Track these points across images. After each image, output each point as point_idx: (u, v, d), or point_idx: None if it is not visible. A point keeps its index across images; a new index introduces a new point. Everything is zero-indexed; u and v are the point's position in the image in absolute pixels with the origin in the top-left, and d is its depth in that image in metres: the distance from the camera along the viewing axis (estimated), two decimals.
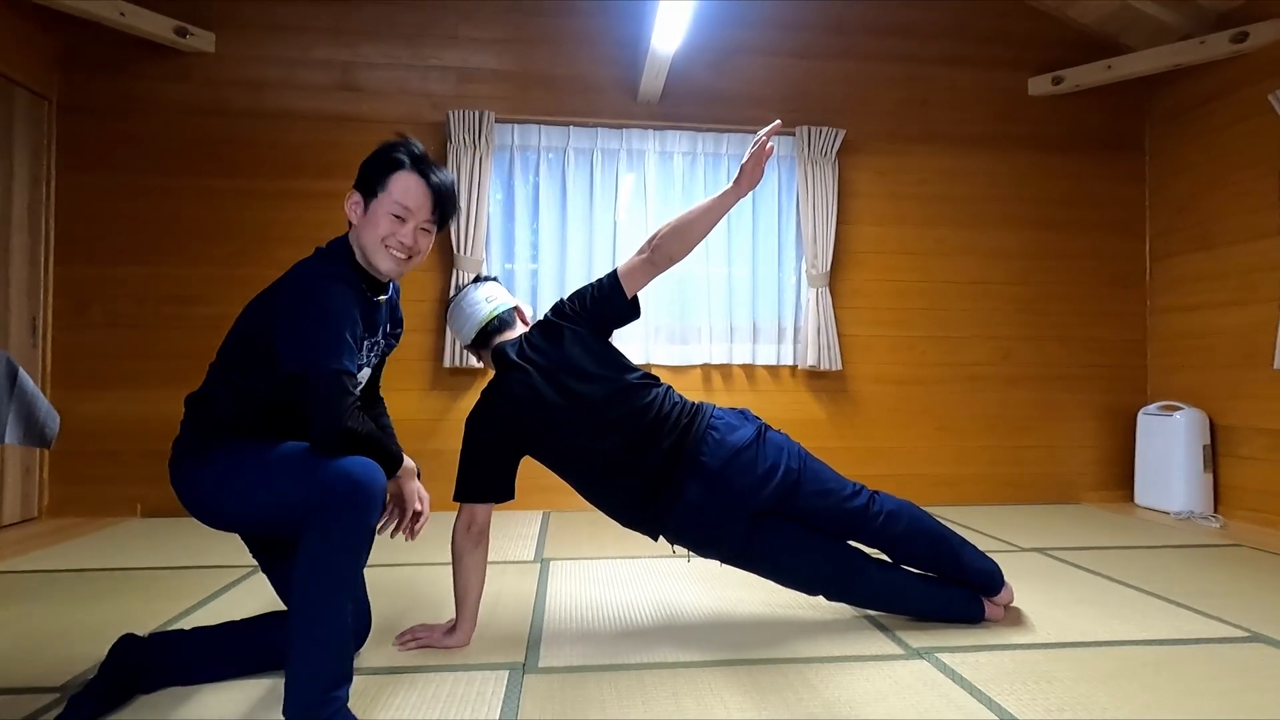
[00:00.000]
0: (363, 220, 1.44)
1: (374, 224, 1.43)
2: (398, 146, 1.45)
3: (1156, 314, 3.78)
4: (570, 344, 1.73)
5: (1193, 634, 1.79)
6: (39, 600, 2.01)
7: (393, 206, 1.43)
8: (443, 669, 1.54)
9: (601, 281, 1.79)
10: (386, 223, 1.43)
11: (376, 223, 1.43)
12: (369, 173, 1.45)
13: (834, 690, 1.46)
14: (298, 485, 1.26)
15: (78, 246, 3.23)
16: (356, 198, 1.46)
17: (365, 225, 1.44)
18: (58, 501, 3.20)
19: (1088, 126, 3.80)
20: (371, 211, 1.43)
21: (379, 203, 1.43)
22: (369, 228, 1.43)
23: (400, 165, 1.44)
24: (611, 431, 1.69)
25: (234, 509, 1.35)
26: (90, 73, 3.25)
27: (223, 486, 1.34)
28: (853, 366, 3.62)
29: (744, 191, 1.76)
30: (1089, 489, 3.75)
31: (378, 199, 1.43)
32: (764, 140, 1.72)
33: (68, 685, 1.46)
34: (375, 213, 1.43)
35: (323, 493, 1.22)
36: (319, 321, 1.30)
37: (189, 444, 1.39)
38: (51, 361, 3.21)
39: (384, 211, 1.43)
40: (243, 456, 1.34)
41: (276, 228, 3.33)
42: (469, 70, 3.47)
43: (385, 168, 1.44)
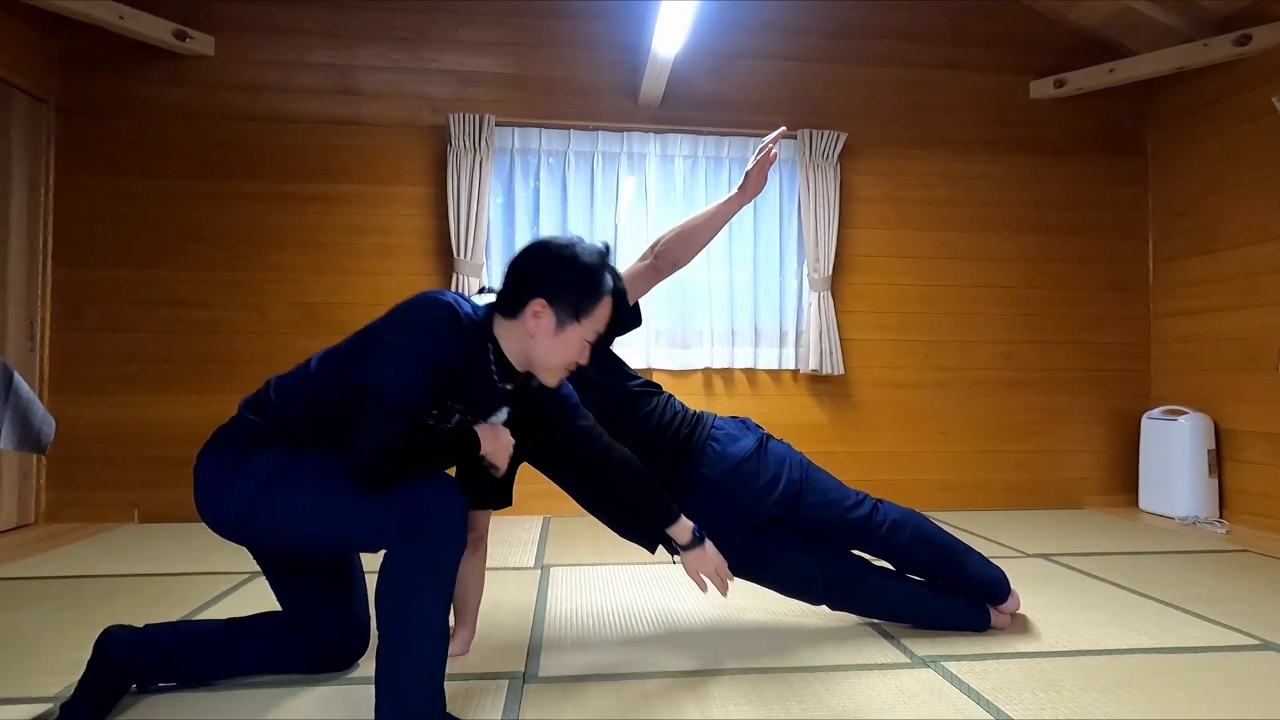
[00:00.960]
0: (552, 338, 1.31)
1: (565, 347, 1.32)
2: (605, 266, 1.35)
3: (1159, 318, 3.76)
4: None
5: (1201, 642, 1.77)
6: (34, 607, 1.99)
7: (590, 334, 1.34)
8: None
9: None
10: (579, 349, 1.34)
11: (568, 346, 1.32)
12: (578, 294, 1.31)
13: (839, 699, 1.44)
14: (381, 510, 1.19)
15: (76, 249, 3.21)
16: (546, 312, 1.30)
17: (553, 344, 1.31)
18: (54, 507, 3.18)
19: (1090, 130, 3.79)
20: (567, 334, 1.31)
21: (579, 328, 1.32)
22: (558, 349, 1.32)
23: (607, 291, 1.35)
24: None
25: (278, 523, 1.25)
26: (89, 76, 3.24)
27: (271, 497, 1.24)
28: (855, 371, 3.60)
29: (748, 198, 1.76)
30: (1092, 494, 3.73)
31: (579, 324, 1.32)
32: (769, 147, 1.71)
33: (60, 695, 1.43)
34: (570, 336, 1.32)
35: (416, 522, 1.18)
36: (415, 352, 1.22)
37: (232, 443, 1.30)
38: (49, 365, 3.19)
39: (580, 338, 1.33)
40: (308, 468, 1.25)
41: (275, 231, 3.32)
42: (469, 73, 3.46)
43: (596, 293, 1.33)
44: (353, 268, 3.36)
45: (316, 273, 3.34)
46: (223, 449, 1.31)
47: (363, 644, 1.54)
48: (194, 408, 3.24)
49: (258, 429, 1.31)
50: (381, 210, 3.38)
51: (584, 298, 1.32)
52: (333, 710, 1.38)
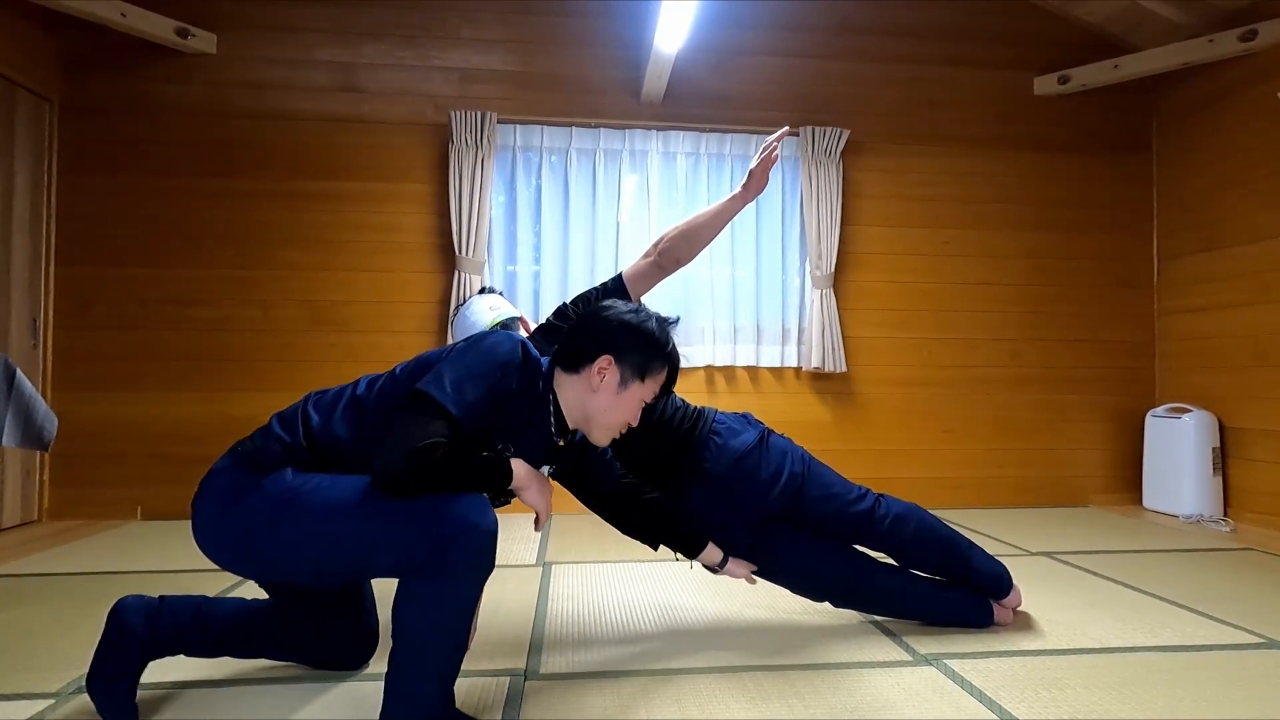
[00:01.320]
0: (614, 395, 1.34)
1: (624, 407, 1.36)
2: (668, 331, 1.40)
3: (1165, 315, 3.74)
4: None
5: (1206, 640, 1.76)
6: (38, 604, 2.00)
7: (649, 396, 1.38)
8: None
9: (606, 285, 1.77)
10: (635, 410, 1.37)
11: (628, 406, 1.36)
12: (645, 355, 1.35)
13: (840, 697, 1.44)
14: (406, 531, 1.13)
15: (79, 248, 3.22)
16: (615, 369, 1.34)
17: (614, 401, 1.35)
18: (58, 504, 3.19)
19: (1094, 126, 3.77)
20: (628, 393, 1.35)
21: (640, 389, 1.36)
22: (617, 408, 1.35)
23: (671, 357, 1.39)
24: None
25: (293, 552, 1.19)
26: (92, 74, 3.24)
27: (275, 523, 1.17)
28: (858, 369, 3.59)
29: (751, 196, 1.77)
30: (1097, 492, 3.72)
31: (641, 384, 1.36)
32: (773, 146, 1.71)
33: (63, 691, 1.44)
34: (631, 396, 1.35)
35: (438, 543, 1.11)
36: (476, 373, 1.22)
37: (252, 459, 1.24)
38: (52, 363, 3.20)
39: (639, 398, 1.37)
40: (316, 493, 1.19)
41: (279, 229, 3.32)
42: (471, 71, 3.46)
43: (661, 357, 1.37)
44: (356, 265, 3.36)
45: (320, 270, 3.34)
46: (240, 465, 1.24)
47: (373, 650, 1.54)
48: (197, 405, 3.25)
49: (285, 446, 1.26)
50: (385, 208, 3.38)
51: (650, 359, 1.36)
52: (343, 710, 1.38)
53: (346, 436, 1.27)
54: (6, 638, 1.73)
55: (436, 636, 1.16)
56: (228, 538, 1.22)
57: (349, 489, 1.19)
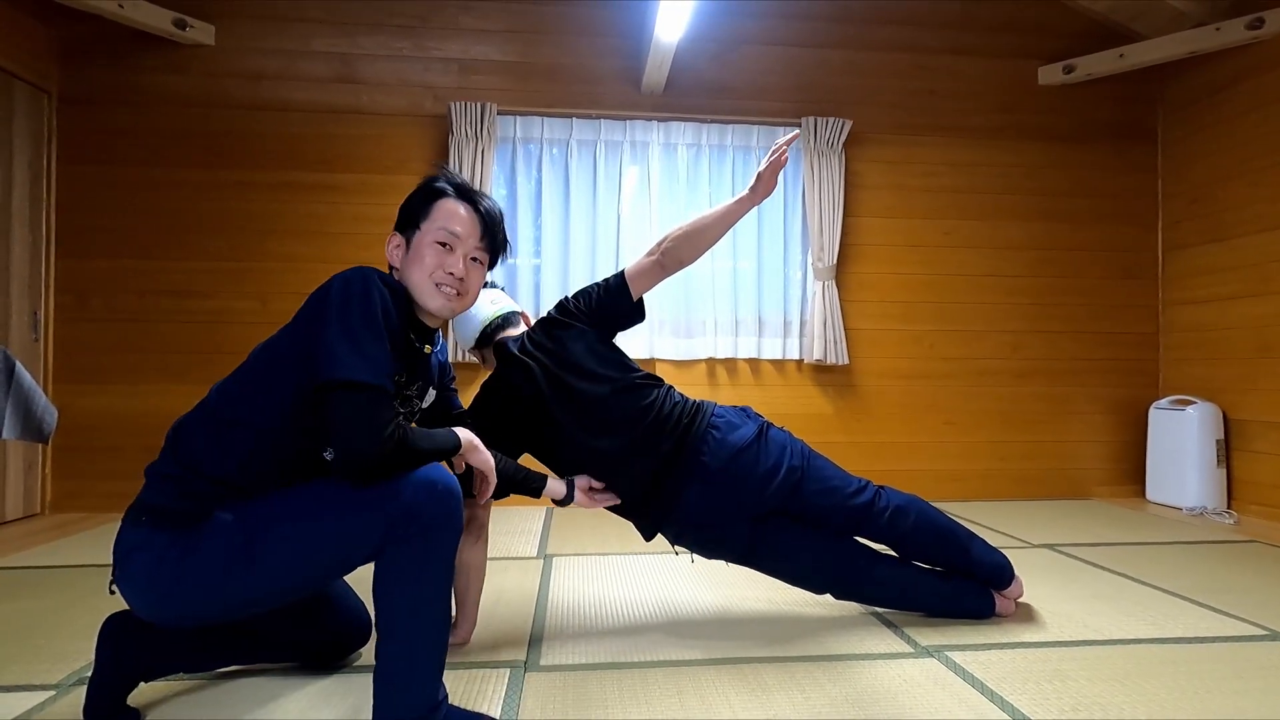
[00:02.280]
0: (406, 260, 1.33)
1: (419, 259, 1.31)
2: (438, 177, 1.38)
3: (1169, 307, 3.72)
4: (573, 342, 1.71)
5: (1210, 632, 1.75)
6: (38, 596, 2.00)
7: (438, 234, 1.32)
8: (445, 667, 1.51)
9: (608, 281, 1.77)
10: (433, 254, 1.31)
11: (422, 256, 1.31)
12: (409, 207, 1.35)
13: (841, 689, 1.43)
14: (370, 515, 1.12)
15: (78, 240, 3.21)
16: (397, 239, 1.35)
17: (410, 264, 1.32)
18: (60, 497, 3.19)
19: (1099, 116, 3.74)
20: (415, 246, 1.32)
21: (422, 235, 1.32)
22: (414, 265, 1.31)
23: (443, 193, 1.35)
24: (611, 432, 1.66)
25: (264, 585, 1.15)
26: (90, 65, 3.23)
27: (248, 562, 1.13)
28: (859, 361, 3.58)
29: (758, 200, 1.76)
30: (1099, 484, 3.70)
31: (420, 231, 1.32)
32: (782, 149, 1.71)
33: (63, 683, 1.43)
34: (419, 246, 1.32)
35: (406, 520, 1.11)
36: (364, 323, 1.15)
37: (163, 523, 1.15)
38: (53, 356, 3.20)
39: (429, 242, 1.32)
40: (271, 517, 1.14)
41: (275, 220, 3.31)
42: (470, 61, 3.43)
43: (427, 197, 1.35)
44: (354, 258, 3.34)
45: (318, 262, 3.33)
46: (155, 534, 1.15)
47: (363, 639, 1.53)
48: (197, 398, 3.22)
49: (184, 490, 1.17)
50: (383, 200, 3.36)
51: (416, 208, 1.35)
52: (334, 699, 1.37)
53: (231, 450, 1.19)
54: (7, 630, 1.73)
55: (422, 613, 1.15)
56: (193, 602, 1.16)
57: (299, 499, 1.17)
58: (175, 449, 1.20)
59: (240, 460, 1.18)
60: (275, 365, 1.22)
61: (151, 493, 1.18)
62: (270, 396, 1.20)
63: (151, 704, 1.34)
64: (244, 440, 1.19)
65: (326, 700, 1.37)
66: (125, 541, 1.17)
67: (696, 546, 1.74)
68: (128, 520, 1.18)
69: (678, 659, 1.58)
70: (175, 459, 1.19)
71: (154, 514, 1.16)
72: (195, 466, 1.17)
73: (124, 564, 1.16)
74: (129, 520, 1.18)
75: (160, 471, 1.19)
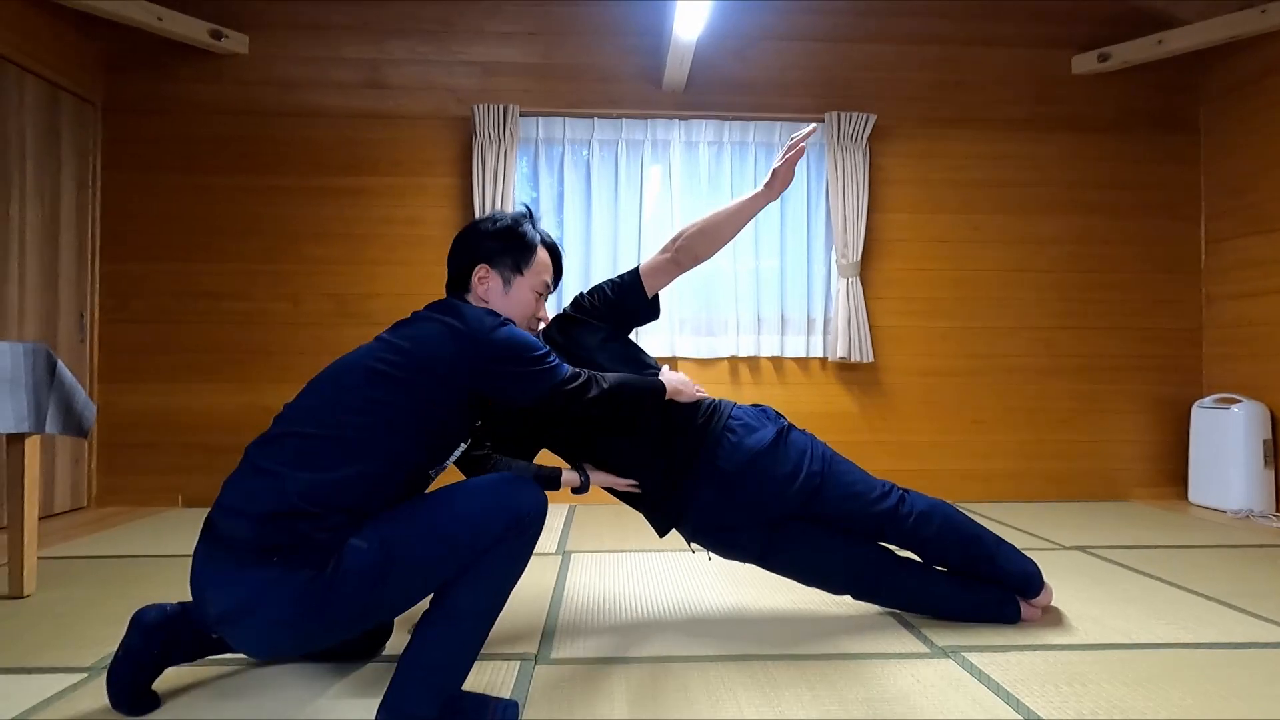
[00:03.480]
0: (505, 299, 1.45)
1: (520, 302, 1.46)
2: (526, 220, 1.50)
3: (1212, 301, 3.58)
4: (589, 339, 1.70)
5: (1245, 637, 1.68)
6: (79, 584, 2.09)
7: (537, 285, 1.48)
8: None
9: (622, 278, 1.75)
10: (532, 301, 1.48)
11: (522, 300, 1.47)
12: (508, 250, 1.46)
13: (852, 688, 1.41)
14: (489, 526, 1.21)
15: (121, 244, 3.35)
16: (493, 276, 1.45)
17: (506, 302, 1.45)
18: (104, 491, 3.33)
19: (1137, 105, 3.62)
20: (516, 289, 1.46)
21: (524, 280, 1.47)
22: (511, 305, 1.45)
23: (538, 242, 1.50)
24: (625, 431, 1.66)
25: (396, 600, 1.22)
26: (131, 76, 3.36)
27: (384, 582, 1.17)
28: (885, 358, 3.52)
29: (775, 194, 1.72)
30: (1138, 486, 3.58)
31: (522, 276, 1.46)
32: (798, 143, 1.67)
33: (96, 666, 1.50)
34: (520, 290, 1.46)
35: (514, 522, 1.23)
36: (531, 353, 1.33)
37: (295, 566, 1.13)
38: (98, 356, 3.34)
39: (529, 289, 1.47)
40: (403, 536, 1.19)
41: (305, 224, 3.40)
42: (493, 64, 3.48)
43: (528, 246, 1.48)
44: (382, 259, 3.42)
45: (347, 264, 3.41)
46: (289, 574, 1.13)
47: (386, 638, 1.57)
48: (233, 396, 3.35)
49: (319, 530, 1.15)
50: (410, 202, 3.43)
51: (519, 252, 1.47)
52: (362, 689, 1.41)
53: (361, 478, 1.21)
54: (48, 616, 1.81)
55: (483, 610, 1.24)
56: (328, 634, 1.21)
57: (427, 512, 1.23)
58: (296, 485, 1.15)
59: (370, 489, 1.21)
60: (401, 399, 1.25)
61: (274, 533, 1.13)
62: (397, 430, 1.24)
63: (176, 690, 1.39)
64: (376, 471, 1.21)
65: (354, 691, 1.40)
66: (253, 587, 1.12)
67: (712, 546, 1.74)
68: (249, 564, 1.13)
69: (688, 655, 1.57)
70: (298, 496, 1.14)
71: (284, 553, 1.13)
72: (327, 503, 1.16)
73: (259, 607, 1.13)
74: (252, 563, 1.13)
75: (280, 510, 1.14)
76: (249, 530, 1.14)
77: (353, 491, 1.19)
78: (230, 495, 1.19)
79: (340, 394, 1.26)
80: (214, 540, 1.18)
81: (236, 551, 1.14)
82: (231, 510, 1.17)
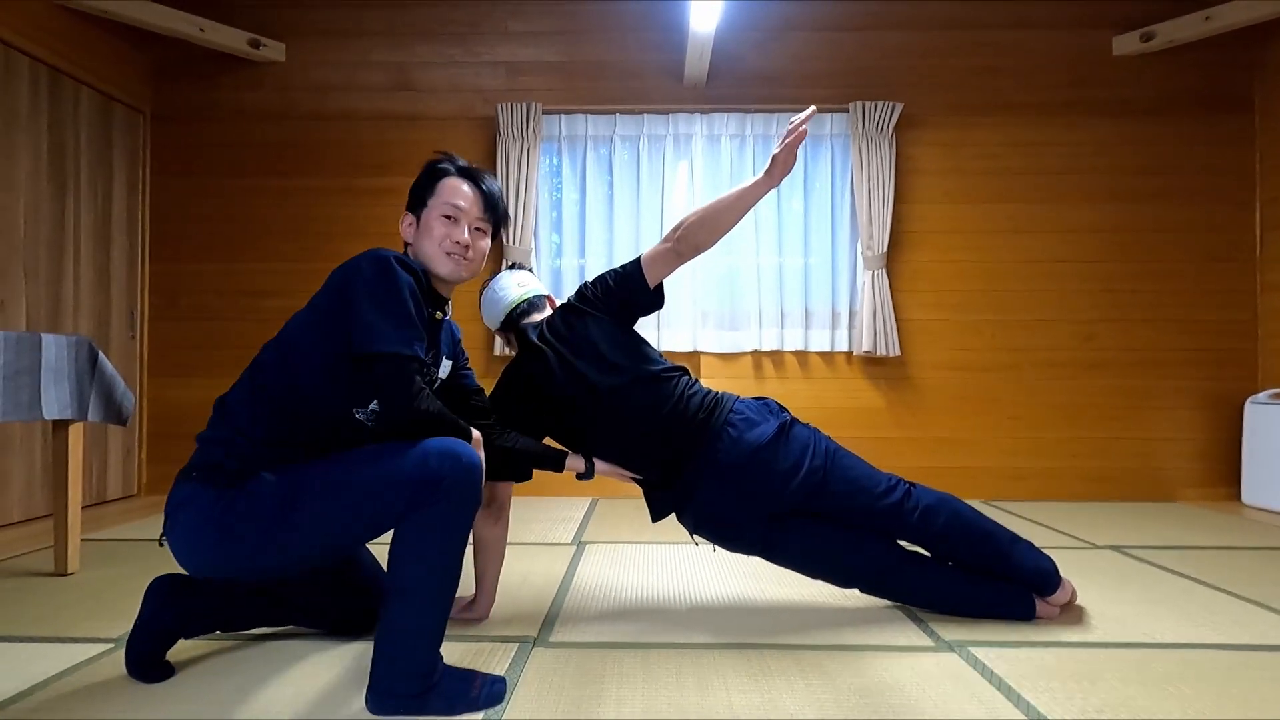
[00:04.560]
0: (417, 235, 1.47)
1: (428, 232, 1.45)
2: (440, 160, 1.51)
3: (1269, 291, 3.38)
4: (591, 330, 1.71)
5: (1276, 640, 1.59)
6: (122, 564, 2.21)
7: (443, 208, 1.46)
8: (458, 639, 1.57)
9: (624, 268, 1.75)
10: (440, 226, 1.45)
11: (430, 229, 1.45)
12: (417, 188, 1.49)
13: (847, 677, 1.39)
14: (396, 487, 1.21)
15: (169, 245, 3.52)
16: (409, 218, 1.49)
17: (421, 237, 1.46)
18: (154, 479, 3.50)
19: (1184, 86, 3.45)
20: (424, 222, 1.47)
21: (429, 211, 1.46)
22: (425, 238, 1.46)
23: (446, 173, 1.49)
24: (626, 423, 1.67)
25: (299, 543, 1.25)
26: (177, 85, 3.53)
27: (286, 520, 1.23)
28: (913, 353, 3.44)
29: (776, 181, 1.64)
30: (1187, 485, 3.41)
31: (428, 208, 1.47)
32: (798, 126, 1.60)
33: (120, 638, 1.58)
34: (427, 221, 1.46)
35: (428, 487, 1.20)
36: (396, 301, 1.28)
37: (210, 480, 1.26)
38: (148, 351, 3.52)
39: (436, 216, 1.45)
40: (310, 478, 1.25)
41: (339, 223, 3.52)
42: (518, 64, 3.53)
43: (431, 177, 1.49)
44: None
45: None
46: (202, 490, 1.26)
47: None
48: None
49: (232, 455, 1.27)
50: None
51: (423, 188, 1.49)
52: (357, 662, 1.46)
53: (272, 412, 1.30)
54: (89, 592, 1.92)
55: (430, 580, 1.22)
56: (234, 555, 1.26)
57: (337, 464, 1.27)
58: (221, 416, 1.33)
59: (277, 421, 1.30)
60: (307, 335, 1.33)
61: (200, 454, 1.31)
62: (304, 363, 1.32)
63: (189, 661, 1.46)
64: (280, 402, 1.31)
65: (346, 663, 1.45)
66: (175, 497, 1.29)
67: (715, 539, 1.73)
68: (179, 479, 1.31)
69: (684, 642, 1.57)
70: (221, 424, 1.32)
71: (202, 471, 1.28)
72: (238, 429, 1.30)
73: (173, 517, 1.28)
74: (180, 478, 1.31)
75: (208, 437, 1.32)
76: (195, 451, 1.33)
77: (262, 423, 1.30)
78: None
79: (273, 342, 1.38)
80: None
81: (184, 467, 1.32)
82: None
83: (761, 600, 1.87)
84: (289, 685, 1.35)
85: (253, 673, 1.40)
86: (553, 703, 1.28)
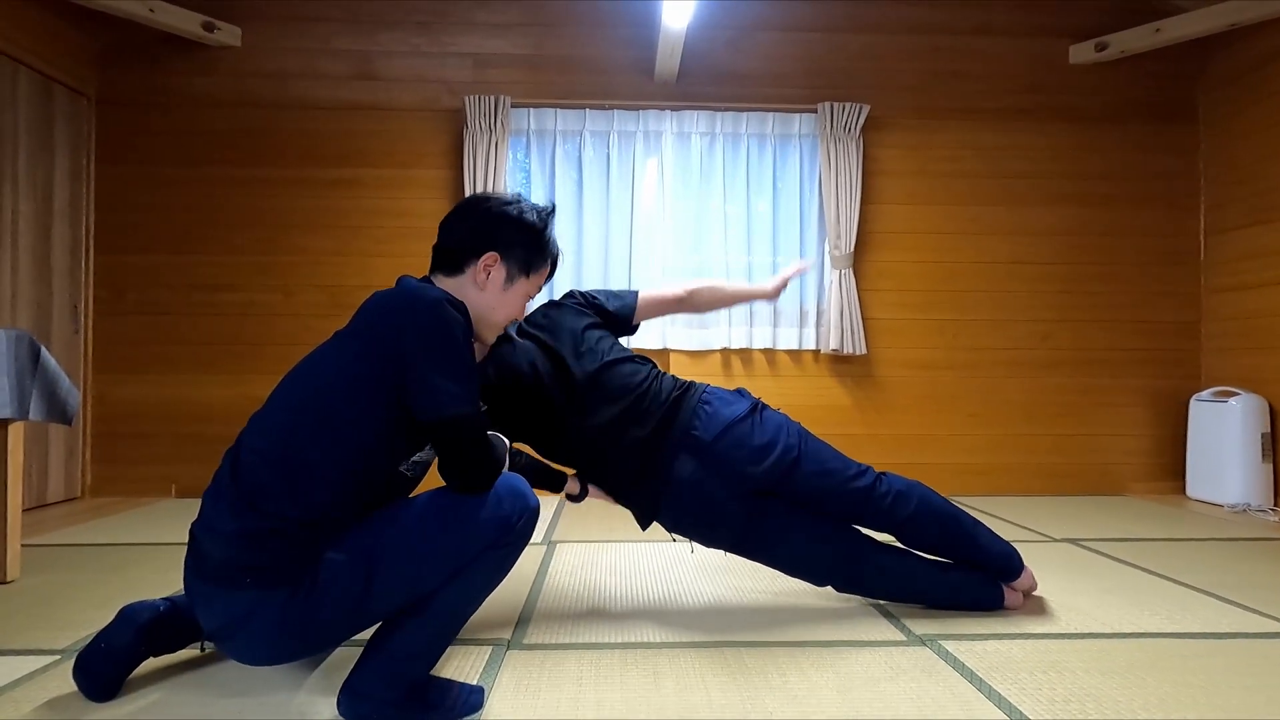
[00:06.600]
0: (501, 294, 1.33)
1: (511, 303, 1.36)
2: (550, 223, 1.40)
3: (1211, 293, 3.54)
4: (572, 320, 1.74)
5: (1231, 628, 1.66)
6: (65, 571, 2.10)
7: (533, 290, 1.39)
8: None
9: (623, 294, 1.85)
10: (521, 302, 1.38)
11: (514, 302, 1.36)
12: (530, 250, 1.35)
13: (822, 673, 1.40)
14: (475, 535, 1.16)
15: (115, 236, 3.36)
16: (498, 263, 1.32)
17: (500, 300, 1.33)
18: (99, 481, 3.34)
19: (1135, 95, 3.58)
20: (514, 289, 1.35)
21: (526, 284, 1.37)
22: (504, 305, 1.34)
23: (554, 252, 1.42)
24: (602, 405, 1.66)
25: (383, 607, 1.18)
26: (124, 69, 3.37)
27: (368, 593, 1.14)
28: (879, 351, 3.50)
29: (773, 299, 2.00)
30: (1136, 480, 3.54)
31: (527, 280, 1.37)
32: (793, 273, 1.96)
33: (70, 649, 1.50)
34: (517, 291, 1.36)
35: (504, 530, 1.18)
36: (458, 356, 1.17)
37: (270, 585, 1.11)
38: (93, 347, 3.35)
39: (523, 293, 1.38)
40: (382, 546, 1.14)
41: (297, 215, 3.40)
42: (485, 55, 3.47)
43: (545, 254, 1.39)
44: (374, 251, 3.42)
45: (339, 256, 3.41)
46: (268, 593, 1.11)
47: None
48: (226, 387, 3.36)
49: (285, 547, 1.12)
50: (402, 194, 3.43)
51: (534, 255, 1.37)
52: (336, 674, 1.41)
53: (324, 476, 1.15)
54: (32, 600, 1.82)
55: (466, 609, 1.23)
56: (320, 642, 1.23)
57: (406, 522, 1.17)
58: (252, 501, 1.12)
59: (329, 499, 1.15)
60: (353, 398, 1.16)
61: (244, 553, 1.12)
62: (352, 433, 1.15)
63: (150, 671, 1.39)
64: (330, 478, 1.15)
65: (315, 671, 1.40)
66: (230, 609, 1.13)
67: (693, 531, 1.72)
68: (226, 584, 1.12)
69: (661, 641, 1.57)
70: (257, 513, 1.12)
71: (258, 574, 1.11)
72: (284, 515, 1.12)
73: (237, 628, 1.14)
74: (228, 584, 1.12)
75: (245, 531, 1.11)
76: (224, 550, 1.13)
77: (303, 503, 1.13)
78: (206, 510, 1.17)
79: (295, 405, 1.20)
80: (198, 555, 1.17)
81: (216, 570, 1.13)
82: (208, 528, 1.16)
83: (737, 600, 1.88)
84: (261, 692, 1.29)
85: (219, 678, 1.34)
86: (530, 706, 1.26)
